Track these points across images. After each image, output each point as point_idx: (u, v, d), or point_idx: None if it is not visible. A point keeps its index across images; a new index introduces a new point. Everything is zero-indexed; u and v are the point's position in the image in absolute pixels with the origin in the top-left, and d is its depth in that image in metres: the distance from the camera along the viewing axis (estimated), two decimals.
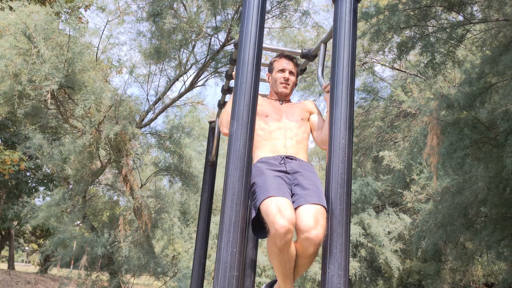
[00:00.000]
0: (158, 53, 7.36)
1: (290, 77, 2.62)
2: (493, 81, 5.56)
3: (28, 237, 28.65)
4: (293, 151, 2.40)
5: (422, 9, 5.87)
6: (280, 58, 2.66)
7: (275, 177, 2.22)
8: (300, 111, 2.55)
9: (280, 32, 8.13)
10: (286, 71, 2.61)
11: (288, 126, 2.46)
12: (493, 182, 5.97)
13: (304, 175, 2.28)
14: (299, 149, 2.43)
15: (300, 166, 2.34)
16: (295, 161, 2.36)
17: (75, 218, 8.18)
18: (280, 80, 2.60)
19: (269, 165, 2.31)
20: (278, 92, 2.62)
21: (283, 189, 2.16)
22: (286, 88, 2.60)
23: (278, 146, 2.40)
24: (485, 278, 11.44)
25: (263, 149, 2.40)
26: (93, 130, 6.69)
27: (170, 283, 9.38)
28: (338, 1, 1.93)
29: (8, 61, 5.91)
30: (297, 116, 2.52)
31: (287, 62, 2.63)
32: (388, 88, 12.25)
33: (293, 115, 2.51)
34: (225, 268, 1.59)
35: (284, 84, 2.60)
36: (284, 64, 2.62)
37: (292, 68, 2.63)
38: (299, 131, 2.47)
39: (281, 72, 2.62)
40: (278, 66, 2.64)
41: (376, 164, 12.64)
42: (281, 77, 2.60)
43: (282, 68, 2.62)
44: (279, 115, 2.50)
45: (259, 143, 2.41)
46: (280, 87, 2.60)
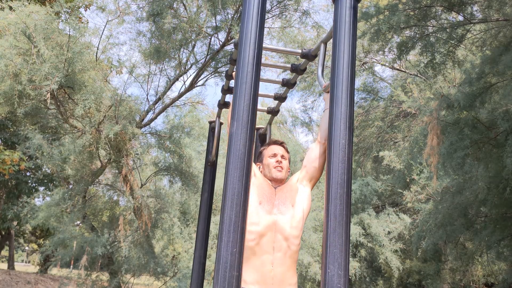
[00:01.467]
0: (158, 53, 7.36)
1: (282, 161, 2.52)
2: (493, 81, 5.56)
3: (28, 237, 28.67)
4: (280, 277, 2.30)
5: (422, 9, 5.87)
6: (269, 146, 2.60)
7: None
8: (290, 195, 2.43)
9: (280, 32, 8.13)
10: (278, 155, 2.52)
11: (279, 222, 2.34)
12: (493, 182, 5.97)
13: None
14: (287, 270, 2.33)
15: None
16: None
17: (75, 218, 8.19)
18: (274, 164, 2.49)
19: None
20: (272, 179, 2.48)
21: None
22: (280, 171, 2.48)
23: (265, 270, 2.28)
24: (485, 278, 11.44)
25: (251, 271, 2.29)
26: (93, 130, 6.69)
27: (170, 283, 9.38)
28: (338, 1, 1.93)
29: (8, 61, 5.91)
30: (288, 204, 2.39)
31: (277, 147, 2.57)
32: (388, 88, 12.26)
33: (284, 204, 2.39)
34: (225, 268, 1.59)
35: (279, 168, 2.49)
36: (275, 150, 2.55)
37: (284, 153, 2.56)
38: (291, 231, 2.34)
39: (272, 157, 2.53)
40: (268, 152, 2.56)
41: (376, 164, 12.64)
42: (274, 161, 2.51)
43: (274, 153, 2.54)
44: (271, 204, 2.38)
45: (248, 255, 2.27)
46: (274, 172, 2.48)
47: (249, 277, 2.29)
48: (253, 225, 2.30)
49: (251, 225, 2.29)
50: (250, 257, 2.30)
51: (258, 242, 2.31)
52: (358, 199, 10.56)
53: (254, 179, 2.41)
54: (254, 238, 2.30)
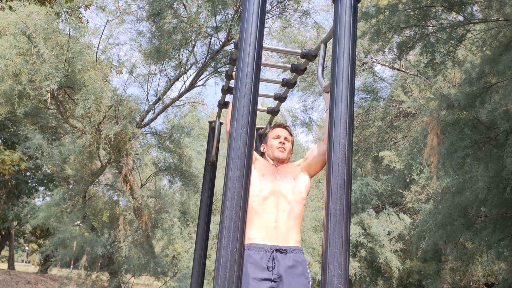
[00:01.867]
0: (158, 53, 7.36)
1: (285, 142, 2.63)
2: (493, 81, 5.57)
3: (28, 237, 28.66)
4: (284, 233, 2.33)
5: (422, 9, 5.87)
6: (274, 128, 2.70)
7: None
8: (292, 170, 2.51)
9: (280, 32, 8.13)
10: (282, 137, 2.63)
11: (282, 189, 2.41)
12: (493, 182, 5.97)
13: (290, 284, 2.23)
14: (291, 226, 2.37)
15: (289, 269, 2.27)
16: (284, 256, 2.29)
17: (75, 218, 8.18)
18: (277, 145, 2.61)
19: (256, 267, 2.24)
20: (274, 158, 2.60)
21: None
22: (282, 152, 2.59)
23: (269, 226, 2.32)
24: (485, 278, 11.45)
25: (255, 228, 2.33)
26: (93, 130, 6.69)
27: (170, 283, 9.38)
28: (338, 1, 1.93)
29: (8, 61, 5.90)
30: (290, 176, 2.47)
31: (281, 130, 2.67)
32: (388, 88, 12.26)
33: (286, 176, 2.47)
34: (225, 268, 1.59)
35: (281, 148, 2.60)
36: (278, 132, 2.66)
37: (287, 135, 2.66)
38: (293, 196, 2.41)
39: (276, 139, 2.64)
40: (272, 134, 2.67)
41: (376, 164, 12.65)
42: (277, 142, 2.62)
43: (278, 135, 2.64)
44: (273, 176, 2.47)
45: (250, 215, 2.33)
46: (276, 152, 2.60)
47: (253, 234, 2.33)
48: (256, 191, 2.38)
49: (254, 191, 2.37)
50: (254, 217, 2.35)
51: (262, 203, 2.37)
52: (358, 199, 10.56)
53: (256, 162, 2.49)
54: (258, 200, 2.37)
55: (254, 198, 2.36)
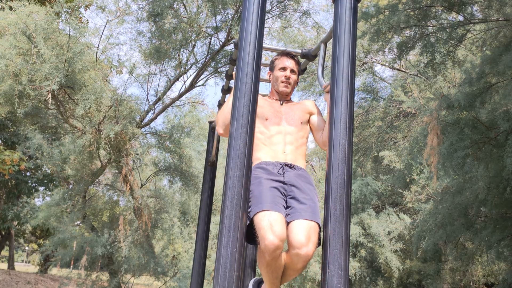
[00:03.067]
0: (158, 53, 7.35)
1: (291, 76, 2.55)
2: (493, 81, 5.56)
3: (28, 237, 28.65)
4: (292, 158, 2.37)
5: (422, 9, 5.86)
6: (282, 56, 2.60)
7: (271, 189, 2.20)
8: (300, 114, 2.50)
9: (280, 32, 8.13)
10: (288, 70, 2.55)
11: (287, 130, 2.42)
12: (493, 182, 5.97)
13: (301, 188, 2.26)
14: (298, 155, 2.40)
15: (298, 177, 2.31)
16: (293, 170, 2.32)
17: (75, 218, 8.18)
18: (281, 78, 2.54)
19: (268, 173, 2.28)
20: (279, 91, 2.56)
21: (277, 202, 2.15)
22: (287, 87, 2.55)
23: (278, 152, 2.36)
24: (485, 278, 11.44)
25: (263, 152, 2.37)
26: (93, 130, 6.69)
27: (170, 283, 9.38)
28: (338, 1, 1.93)
29: (8, 61, 5.90)
30: (297, 119, 2.47)
31: (289, 60, 2.58)
32: (388, 88, 12.26)
33: (293, 119, 2.46)
34: (225, 268, 1.59)
35: (285, 83, 2.54)
36: (285, 63, 2.57)
37: (294, 67, 2.58)
38: (298, 136, 2.44)
39: (282, 71, 2.56)
40: (279, 64, 2.58)
41: (376, 164, 12.64)
42: (282, 75, 2.55)
43: (283, 66, 2.56)
44: (279, 118, 2.45)
45: (258, 146, 2.36)
46: (281, 86, 2.55)
47: (262, 155, 2.36)
48: (262, 133, 2.39)
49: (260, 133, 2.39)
50: (262, 148, 2.38)
51: (270, 139, 2.39)
52: (358, 199, 10.55)
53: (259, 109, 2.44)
54: (265, 137, 2.39)
55: (261, 134, 2.39)
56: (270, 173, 2.28)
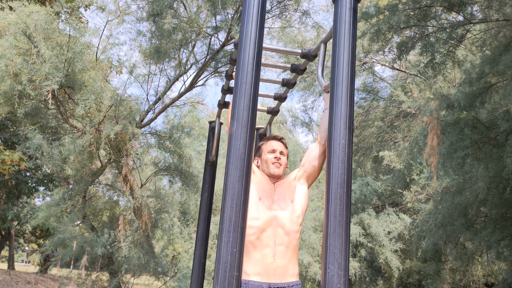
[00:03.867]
0: (158, 53, 7.35)
1: (281, 157, 2.53)
2: (493, 81, 5.57)
3: (28, 237, 28.66)
4: (283, 264, 2.29)
5: (422, 9, 5.87)
6: (268, 141, 2.60)
7: None
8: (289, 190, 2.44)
9: (280, 32, 8.13)
10: (277, 151, 2.53)
11: (279, 218, 2.34)
12: (493, 182, 5.97)
13: None
14: (289, 258, 2.33)
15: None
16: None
17: (75, 218, 8.18)
18: (272, 160, 2.51)
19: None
20: (270, 174, 2.50)
21: None
22: (278, 168, 2.50)
23: (267, 259, 2.27)
24: (485, 278, 11.45)
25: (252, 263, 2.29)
26: (93, 130, 6.69)
27: (170, 283, 9.38)
28: (338, 1, 1.93)
29: (8, 61, 5.90)
30: (287, 199, 2.40)
31: (276, 143, 2.57)
32: (388, 88, 12.26)
33: (284, 199, 2.40)
34: (225, 268, 1.59)
35: (277, 164, 2.50)
36: (273, 145, 2.55)
37: (283, 149, 2.57)
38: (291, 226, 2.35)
39: (271, 153, 2.53)
40: (267, 148, 2.56)
41: (376, 164, 12.65)
42: (272, 157, 2.51)
43: (273, 149, 2.54)
44: (271, 200, 2.38)
45: (248, 250, 2.27)
46: (272, 167, 2.49)
47: (251, 269, 2.28)
48: (253, 220, 2.30)
49: (251, 220, 2.29)
50: (251, 251, 2.29)
51: (259, 237, 2.30)
52: (358, 199, 10.55)
53: (253, 176, 2.40)
54: (255, 232, 2.29)
55: (251, 229, 2.28)
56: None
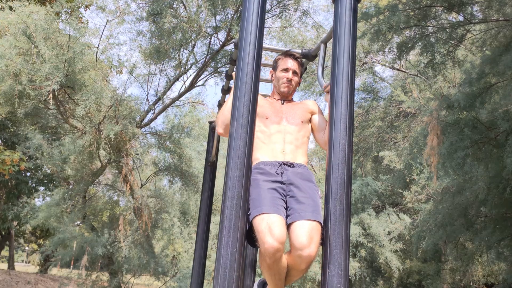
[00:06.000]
0: (158, 53, 7.35)
1: (293, 77, 2.56)
2: (493, 81, 5.56)
3: (28, 237, 28.66)
4: (292, 156, 2.36)
5: (422, 9, 5.87)
6: (285, 57, 2.60)
7: (269, 190, 2.19)
8: (301, 113, 2.50)
9: (280, 32, 8.13)
10: (290, 71, 2.56)
11: (288, 129, 2.41)
12: (493, 182, 5.97)
13: (300, 186, 2.24)
14: (298, 154, 2.39)
15: (297, 175, 2.29)
16: (292, 168, 2.31)
17: (75, 218, 8.18)
18: (283, 79, 2.55)
19: (266, 174, 2.27)
20: (280, 92, 2.57)
21: (276, 204, 2.13)
22: (288, 87, 2.55)
23: (276, 151, 2.35)
24: (485, 278, 11.44)
25: (262, 151, 2.36)
26: (93, 130, 6.69)
27: (170, 283, 9.38)
28: (338, 1, 1.93)
29: (8, 61, 5.90)
30: (297, 118, 2.46)
31: (291, 61, 2.58)
32: (388, 88, 12.25)
33: (293, 118, 2.46)
34: (225, 268, 1.59)
35: (287, 84, 2.54)
36: (288, 64, 2.57)
37: (296, 68, 2.58)
38: (299, 135, 2.43)
39: (284, 72, 2.57)
40: (282, 65, 2.59)
41: (376, 164, 12.64)
42: (284, 76, 2.55)
43: (286, 67, 2.57)
44: (279, 117, 2.45)
45: (258, 145, 2.35)
46: (282, 86, 2.55)
47: (261, 156, 2.36)
48: (262, 132, 2.39)
49: (260, 132, 2.39)
50: (260, 145, 2.38)
51: (269, 138, 2.39)
52: (358, 199, 10.55)
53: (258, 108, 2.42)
54: (265, 136, 2.39)
55: (260, 133, 2.38)
56: (268, 174, 2.27)
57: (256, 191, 2.17)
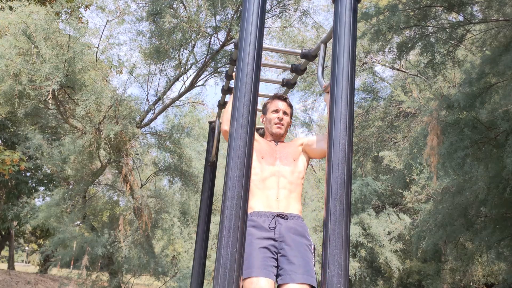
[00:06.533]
0: (158, 53, 7.35)
1: (284, 117, 2.64)
2: (493, 81, 5.57)
3: (28, 237, 28.67)
4: (285, 204, 2.40)
5: (422, 9, 5.87)
6: (274, 100, 2.70)
7: (261, 250, 2.24)
8: (292, 151, 2.56)
9: (280, 32, 8.13)
10: (280, 111, 2.64)
11: (282, 171, 2.46)
12: (493, 182, 5.97)
13: (292, 244, 2.28)
14: (292, 200, 2.43)
15: (290, 230, 2.33)
16: (285, 220, 2.34)
17: (75, 218, 8.18)
18: (275, 120, 2.63)
19: (259, 229, 2.31)
20: (272, 133, 2.64)
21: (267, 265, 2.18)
22: (280, 128, 2.62)
23: (271, 198, 2.40)
24: (485, 278, 11.45)
25: (257, 199, 2.40)
26: (93, 130, 6.69)
27: (170, 283, 9.38)
28: (338, 1, 1.93)
29: (8, 61, 5.90)
30: (290, 158, 2.52)
31: (281, 102, 2.67)
32: (388, 88, 12.26)
33: (286, 158, 2.52)
34: (225, 268, 1.59)
35: (278, 125, 2.62)
36: (278, 105, 2.66)
37: (286, 109, 2.67)
38: (293, 177, 2.47)
39: (275, 113, 2.65)
40: (272, 107, 2.68)
41: (376, 164, 12.64)
42: (275, 117, 2.63)
43: (276, 108, 2.65)
44: (274, 158, 2.50)
45: (253, 191, 2.41)
46: (274, 127, 2.62)
47: (256, 205, 2.39)
48: (257, 174, 2.43)
49: (255, 174, 2.42)
50: (255, 191, 2.41)
51: (263, 183, 2.42)
52: (358, 199, 10.55)
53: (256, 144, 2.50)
54: (259, 180, 2.42)
55: (255, 176, 2.41)
56: (261, 228, 2.32)
57: (248, 250, 2.22)
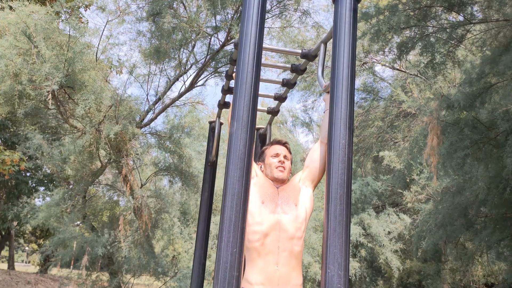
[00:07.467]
0: (158, 53, 7.35)
1: (285, 161, 2.49)
2: (493, 81, 5.57)
3: (28, 237, 28.67)
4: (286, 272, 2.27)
5: (422, 9, 5.87)
6: (272, 145, 2.57)
7: None
8: (293, 195, 2.40)
9: (280, 32, 8.13)
10: (281, 155, 2.50)
11: (283, 222, 2.30)
12: (493, 182, 5.97)
13: None
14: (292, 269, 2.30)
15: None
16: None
17: (75, 218, 8.18)
18: (276, 164, 2.47)
19: None
20: (274, 178, 2.46)
21: None
22: (282, 172, 2.45)
23: (270, 269, 2.25)
24: (485, 278, 11.45)
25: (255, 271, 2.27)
26: (93, 130, 6.69)
27: (170, 283, 9.38)
28: (338, 1, 1.93)
29: (8, 61, 5.90)
30: (291, 203, 2.36)
31: (280, 147, 2.54)
32: (388, 88, 12.26)
33: (287, 203, 2.36)
34: (225, 268, 1.59)
35: (281, 168, 2.46)
36: (277, 150, 2.53)
37: (286, 153, 2.53)
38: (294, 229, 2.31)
39: (275, 157, 2.50)
40: (271, 152, 2.53)
41: (376, 164, 12.65)
42: (276, 161, 2.48)
43: (276, 153, 2.51)
44: (275, 203, 2.35)
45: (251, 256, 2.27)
46: (276, 171, 2.46)
47: (254, 278, 2.25)
48: (256, 224, 2.27)
49: (255, 225, 2.27)
50: (255, 258, 2.26)
51: (263, 242, 2.27)
52: (358, 199, 10.55)
53: (256, 179, 2.39)
54: (259, 238, 2.26)
55: (255, 235, 2.26)
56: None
57: None
